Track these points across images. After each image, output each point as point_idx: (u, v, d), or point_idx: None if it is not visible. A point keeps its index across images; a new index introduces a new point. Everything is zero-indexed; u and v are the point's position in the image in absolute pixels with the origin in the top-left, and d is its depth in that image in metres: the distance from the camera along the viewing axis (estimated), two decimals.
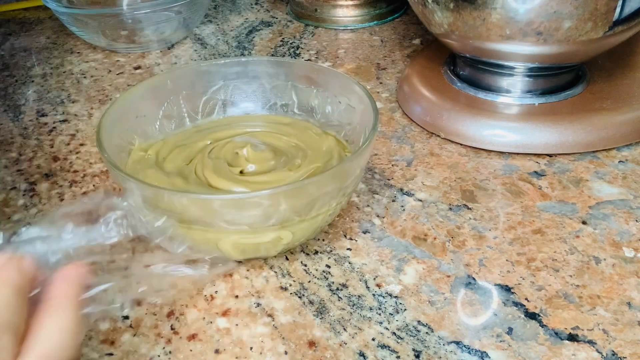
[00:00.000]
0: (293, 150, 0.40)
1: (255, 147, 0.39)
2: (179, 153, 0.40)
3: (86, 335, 0.33)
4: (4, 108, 0.56)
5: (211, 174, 0.37)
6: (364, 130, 0.37)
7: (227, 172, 0.37)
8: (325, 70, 0.42)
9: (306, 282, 0.35)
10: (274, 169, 0.38)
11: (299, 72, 0.43)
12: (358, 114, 0.39)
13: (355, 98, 0.39)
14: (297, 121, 0.43)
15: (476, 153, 0.45)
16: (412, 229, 0.38)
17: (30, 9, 0.80)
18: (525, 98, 0.46)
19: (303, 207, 0.32)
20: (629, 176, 0.41)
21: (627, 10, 0.39)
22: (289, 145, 0.41)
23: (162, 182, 0.37)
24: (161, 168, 0.39)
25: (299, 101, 0.43)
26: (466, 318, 0.32)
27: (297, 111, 0.44)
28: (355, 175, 0.34)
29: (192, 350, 0.31)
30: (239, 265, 0.36)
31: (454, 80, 0.49)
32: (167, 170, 0.38)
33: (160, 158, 0.40)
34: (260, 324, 0.32)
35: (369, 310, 0.33)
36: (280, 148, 0.40)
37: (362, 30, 0.68)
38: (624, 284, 0.33)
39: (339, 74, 0.41)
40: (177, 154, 0.40)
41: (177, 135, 0.42)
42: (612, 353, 0.29)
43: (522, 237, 0.37)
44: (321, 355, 0.30)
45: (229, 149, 0.39)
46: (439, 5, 0.43)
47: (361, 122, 0.38)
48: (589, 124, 0.43)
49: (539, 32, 0.40)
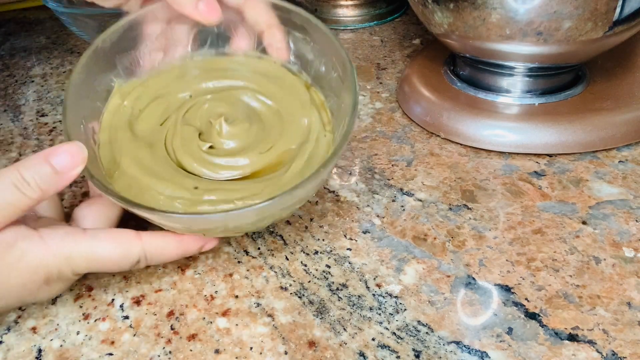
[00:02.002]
0: (271, 120, 0.38)
1: (230, 118, 0.37)
2: (156, 107, 0.39)
3: (86, 335, 0.33)
4: (4, 108, 0.56)
5: (179, 146, 0.36)
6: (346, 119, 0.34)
7: (195, 146, 0.36)
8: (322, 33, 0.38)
9: (306, 282, 0.35)
10: (245, 149, 0.36)
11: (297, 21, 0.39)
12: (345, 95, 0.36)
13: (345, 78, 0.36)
14: (287, 76, 0.40)
15: (476, 153, 0.45)
16: (412, 229, 0.38)
17: (30, 9, 0.80)
18: (525, 98, 0.46)
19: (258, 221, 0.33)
20: (629, 176, 0.41)
21: (627, 10, 0.39)
22: (269, 112, 0.39)
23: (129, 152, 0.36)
24: (133, 129, 0.37)
25: (295, 49, 0.40)
26: (466, 318, 0.32)
27: (293, 59, 0.40)
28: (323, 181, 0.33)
29: (192, 350, 0.31)
30: (239, 265, 0.36)
31: (454, 80, 0.49)
32: (139, 132, 0.37)
33: (136, 111, 0.38)
34: (260, 324, 0.32)
35: (369, 310, 0.33)
36: (258, 116, 0.38)
37: (362, 30, 0.68)
38: (624, 284, 0.33)
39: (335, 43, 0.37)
40: (154, 108, 0.39)
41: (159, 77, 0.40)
42: (612, 353, 0.29)
43: (522, 237, 0.37)
44: (321, 355, 0.30)
45: (204, 113, 0.38)
46: (439, 5, 0.43)
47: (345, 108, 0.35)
48: (589, 124, 0.43)
49: (539, 32, 0.40)
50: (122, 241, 0.32)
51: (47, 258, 0.30)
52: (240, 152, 0.36)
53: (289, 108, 0.38)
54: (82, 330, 0.33)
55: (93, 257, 0.31)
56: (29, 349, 0.32)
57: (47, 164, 0.30)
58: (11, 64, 0.65)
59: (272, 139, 0.37)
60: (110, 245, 0.31)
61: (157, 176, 0.35)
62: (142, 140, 0.37)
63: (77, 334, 0.33)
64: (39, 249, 0.30)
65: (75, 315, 0.34)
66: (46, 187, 0.30)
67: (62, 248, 0.30)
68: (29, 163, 0.30)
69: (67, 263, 0.31)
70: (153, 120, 0.38)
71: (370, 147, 0.47)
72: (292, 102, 0.39)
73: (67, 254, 0.30)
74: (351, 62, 0.35)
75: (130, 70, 0.39)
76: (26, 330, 0.33)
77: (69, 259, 0.30)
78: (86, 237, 0.31)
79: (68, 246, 0.30)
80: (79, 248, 0.31)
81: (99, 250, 0.31)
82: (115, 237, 0.32)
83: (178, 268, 0.36)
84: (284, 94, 0.39)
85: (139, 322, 0.33)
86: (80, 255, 0.31)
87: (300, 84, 0.40)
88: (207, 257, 0.37)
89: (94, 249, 0.31)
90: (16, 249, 0.29)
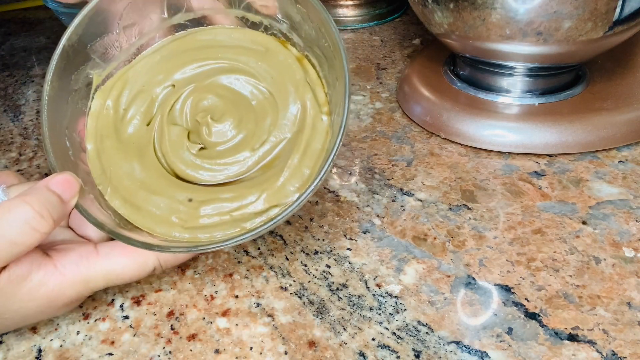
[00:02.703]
0: (263, 107, 0.36)
1: (216, 113, 0.36)
2: (139, 104, 0.37)
3: (86, 335, 0.33)
4: (4, 108, 0.56)
5: (168, 151, 0.35)
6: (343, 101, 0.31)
7: (185, 149, 0.35)
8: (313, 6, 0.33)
9: (306, 282, 0.35)
10: (236, 146, 0.35)
11: None
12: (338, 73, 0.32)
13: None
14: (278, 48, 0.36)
15: (476, 153, 0.45)
16: (412, 229, 0.38)
17: (30, 9, 0.80)
18: (525, 98, 0.46)
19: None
20: (629, 176, 0.41)
21: (627, 10, 0.39)
22: (260, 97, 0.36)
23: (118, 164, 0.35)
24: (119, 134, 0.36)
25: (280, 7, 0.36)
26: (466, 318, 0.32)
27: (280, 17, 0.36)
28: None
29: (192, 350, 0.31)
30: (239, 265, 0.36)
31: (454, 80, 0.49)
32: (125, 138, 0.36)
33: (120, 111, 0.36)
34: (260, 324, 0.32)
35: (369, 310, 0.33)
36: (248, 104, 0.36)
37: (362, 30, 0.68)
38: (624, 284, 0.33)
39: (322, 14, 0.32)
40: (138, 105, 0.37)
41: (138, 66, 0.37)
42: (612, 353, 0.29)
43: (522, 237, 0.37)
44: (321, 355, 0.30)
45: (190, 110, 0.36)
46: (439, 5, 0.43)
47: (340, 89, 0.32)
48: (589, 124, 0.43)
49: (539, 32, 0.40)
50: (136, 254, 0.31)
51: (64, 287, 0.30)
52: (233, 151, 0.35)
53: (281, 90, 0.35)
54: (82, 330, 0.33)
55: (111, 276, 0.31)
56: (29, 349, 0.32)
57: (52, 193, 0.29)
58: (11, 64, 0.65)
59: (266, 130, 0.35)
60: (125, 260, 0.31)
61: (150, 189, 0.34)
62: (130, 146, 0.35)
63: (77, 334, 0.33)
64: (55, 279, 0.29)
65: (75, 315, 0.34)
66: (57, 218, 0.29)
67: (79, 275, 0.30)
68: (36, 195, 0.29)
69: (85, 287, 0.30)
70: (138, 121, 0.37)
71: (370, 147, 0.47)
72: (284, 82, 0.35)
73: (84, 279, 0.30)
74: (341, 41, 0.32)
75: (107, 55, 0.37)
76: (26, 330, 0.33)
77: (87, 283, 0.30)
78: (100, 257, 0.31)
79: (84, 271, 0.30)
80: (95, 270, 0.30)
81: (116, 267, 0.31)
82: (129, 250, 0.31)
83: (178, 268, 0.36)
84: (275, 72, 0.36)
85: (139, 322, 0.33)
86: (98, 276, 0.30)
87: (292, 58, 0.36)
88: (207, 257, 0.37)
89: (110, 267, 0.31)
90: (30, 281, 0.29)
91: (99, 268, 0.30)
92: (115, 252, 0.31)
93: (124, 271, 0.31)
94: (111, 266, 0.31)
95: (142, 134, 0.36)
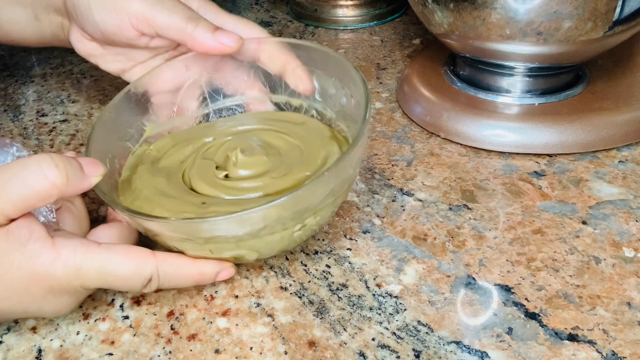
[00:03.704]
0: (290, 153, 0.38)
1: (247, 150, 0.38)
2: (178, 149, 0.40)
3: (86, 335, 0.33)
4: (4, 108, 0.56)
5: (195, 176, 0.37)
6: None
7: (211, 175, 0.36)
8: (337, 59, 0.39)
9: (306, 282, 0.35)
10: (260, 174, 0.37)
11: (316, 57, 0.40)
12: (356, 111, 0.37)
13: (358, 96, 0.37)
14: (311, 121, 0.41)
15: (476, 153, 0.45)
16: (412, 229, 0.38)
17: None
18: (525, 98, 0.46)
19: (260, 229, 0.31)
20: (629, 176, 0.41)
21: (627, 10, 0.39)
22: (288, 147, 0.39)
23: (145, 180, 0.37)
24: (154, 165, 0.39)
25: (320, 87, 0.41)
26: (466, 318, 0.32)
27: (318, 98, 0.41)
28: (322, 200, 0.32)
29: (192, 350, 0.31)
30: (239, 265, 0.36)
31: (454, 80, 0.49)
32: (159, 167, 0.38)
33: (161, 153, 0.40)
34: (260, 324, 0.32)
35: (369, 310, 0.33)
36: (277, 149, 0.39)
37: (362, 30, 0.68)
38: (624, 284, 0.33)
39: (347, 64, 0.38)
40: (177, 150, 0.40)
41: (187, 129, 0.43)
42: (612, 353, 0.29)
43: (522, 237, 0.37)
44: (321, 355, 0.30)
45: (223, 149, 0.39)
46: (439, 5, 0.43)
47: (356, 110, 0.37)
48: (589, 124, 0.43)
49: (539, 32, 0.40)
50: (135, 256, 0.31)
51: (55, 266, 0.29)
52: (254, 178, 0.36)
53: (309, 144, 0.39)
54: (82, 330, 0.33)
55: (104, 271, 0.30)
56: (29, 349, 0.32)
57: (75, 161, 0.30)
58: (11, 64, 0.65)
59: (288, 167, 0.37)
60: (123, 259, 0.31)
61: (167, 195, 0.35)
62: (161, 172, 0.38)
63: (77, 334, 0.33)
64: (49, 255, 0.29)
65: (75, 315, 0.34)
66: (72, 176, 0.29)
67: (73, 258, 0.30)
68: (60, 154, 0.30)
69: (76, 274, 0.30)
70: (175, 159, 0.40)
71: (370, 147, 0.47)
72: (313, 138, 0.39)
73: (77, 264, 0.30)
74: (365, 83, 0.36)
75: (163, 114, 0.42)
76: (26, 330, 0.33)
77: (79, 270, 0.30)
78: (99, 249, 0.30)
79: (79, 257, 0.30)
80: (91, 259, 0.30)
81: (111, 263, 0.30)
82: (129, 252, 0.31)
83: None
84: (305, 133, 0.40)
85: (139, 322, 0.33)
86: (92, 267, 0.30)
87: (324, 127, 0.40)
88: None
89: (106, 262, 0.30)
90: (26, 249, 0.29)
91: (95, 259, 0.30)
92: (115, 250, 0.31)
93: (119, 268, 0.30)
94: (107, 261, 0.30)
95: (175, 165, 0.39)
